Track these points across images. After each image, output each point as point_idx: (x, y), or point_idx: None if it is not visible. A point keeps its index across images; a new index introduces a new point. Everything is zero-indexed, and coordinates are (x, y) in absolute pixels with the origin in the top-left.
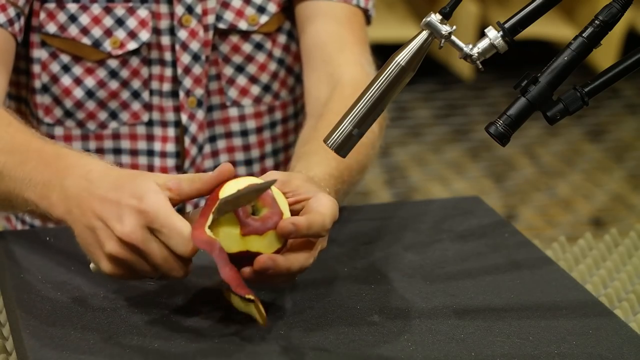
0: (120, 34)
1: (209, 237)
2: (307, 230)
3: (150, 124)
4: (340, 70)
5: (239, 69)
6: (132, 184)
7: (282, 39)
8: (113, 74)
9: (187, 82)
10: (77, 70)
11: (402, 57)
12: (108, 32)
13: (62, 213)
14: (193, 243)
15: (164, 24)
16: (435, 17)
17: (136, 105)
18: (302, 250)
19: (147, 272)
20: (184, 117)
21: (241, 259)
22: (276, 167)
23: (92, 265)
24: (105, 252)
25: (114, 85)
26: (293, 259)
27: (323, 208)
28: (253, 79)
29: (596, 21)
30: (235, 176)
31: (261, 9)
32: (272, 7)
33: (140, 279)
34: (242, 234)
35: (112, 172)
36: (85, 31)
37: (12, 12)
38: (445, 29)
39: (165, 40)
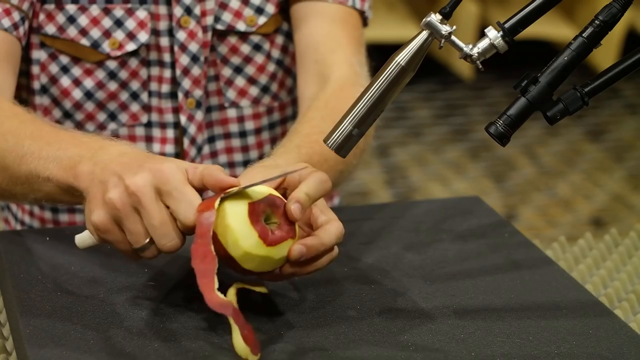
0: (119, 35)
1: (223, 300)
2: (312, 190)
3: (149, 125)
4: (330, 70)
5: (238, 70)
6: (158, 157)
7: (280, 40)
8: (112, 75)
9: (186, 83)
10: (76, 71)
11: (402, 57)
12: (107, 34)
13: (84, 179)
14: (208, 304)
15: (162, 25)
16: (435, 17)
17: (135, 107)
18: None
19: (137, 234)
20: (183, 118)
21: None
22: None
23: (77, 236)
24: (106, 198)
25: (112, 86)
26: (322, 233)
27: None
28: (251, 80)
29: (596, 21)
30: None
31: (259, 10)
32: (271, 8)
33: (122, 247)
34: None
35: (144, 151)
36: (84, 32)
37: (16, 16)
38: (445, 29)
39: (164, 41)
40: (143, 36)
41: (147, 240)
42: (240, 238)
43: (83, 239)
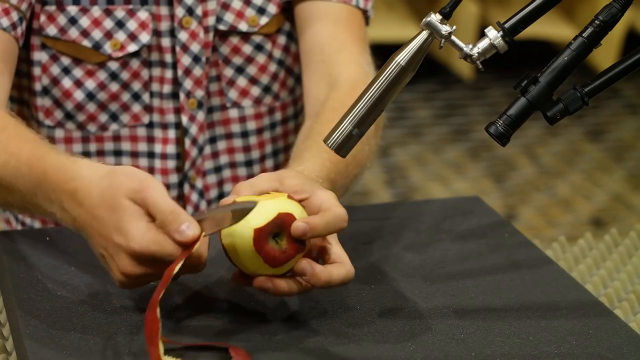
0: (121, 36)
1: None
2: (324, 229)
3: (150, 125)
4: (338, 70)
5: (239, 70)
6: (112, 219)
7: (282, 40)
8: (113, 76)
9: (188, 83)
10: (78, 72)
11: (402, 57)
12: (108, 35)
13: (73, 227)
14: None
15: (164, 25)
16: (435, 17)
17: (137, 107)
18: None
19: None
20: (185, 119)
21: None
22: (276, 168)
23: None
24: (118, 280)
25: (114, 87)
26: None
27: (327, 204)
28: (253, 80)
29: (596, 21)
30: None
31: (261, 10)
32: (272, 9)
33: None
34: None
35: (94, 188)
36: (85, 33)
37: (15, 16)
38: (445, 29)
39: (166, 42)
40: (144, 37)
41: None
42: (246, 262)
43: None
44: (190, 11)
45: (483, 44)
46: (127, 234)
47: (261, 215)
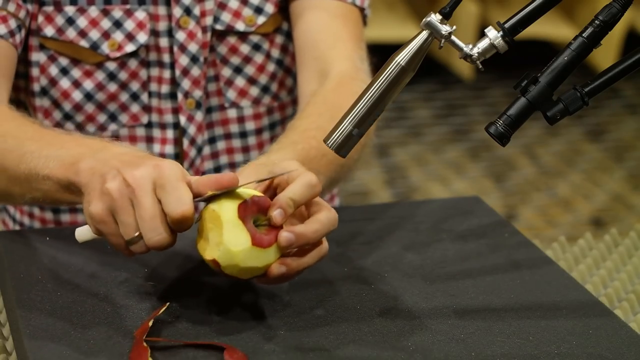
0: (118, 36)
1: None
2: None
3: (149, 125)
4: (330, 66)
5: (237, 70)
6: (160, 158)
7: (279, 39)
8: (111, 76)
9: (186, 83)
10: (76, 73)
11: (402, 57)
12: (106, 35)
13: (84, 175)
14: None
15: (162, 25)
16: (435, 17)
17: (135, 107)
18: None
19: (129, 226)
20: (183, 119)
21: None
22: None
23: (77, 230)
24: (104, 188)
25: (112, 87)
26: (312, 221)
27: (295, 172)
28: (251, 80)
29: (596, 21)
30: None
31: (258, 10)
32: (270, 8)
33: (116, 242)
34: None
35: (144, 152)
36: (83, 34)
37: (13, 23)
38: (445, 29)
39: (164, 42)
40: (142, 37)
41: (137, 233)
42: (239, 258)
43: (82, 232)
44: (188, 11)
45: (483, 44)
46: (164, 160)
47: (238, 195)
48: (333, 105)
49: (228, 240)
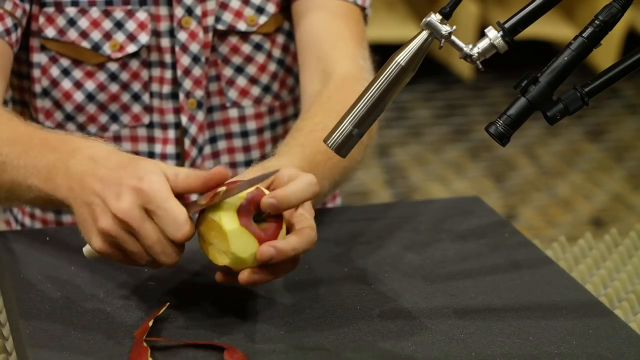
0: (120, 36)
1: None
2: (295, 198)
3: (150, 126)
4: (333, 66)
5: (239, 69)
6: (135, 165)
7: (281, 39)
8: (113, 77)
9: (187, 83)
10: (77, 73)
11: (402, 57)
12: (107, 35)
13: (65, 192)
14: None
15: (163, 26)
16: (435, 17)
17: (136, 108)
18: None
19: (138, 254)
20: (184, 119)
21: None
22: None
23: (85, 249)
24: (98, 227)
25: (114, 88)
26: (294, 241)
27: (295, 176)
28: (253, 80)
29: (596, 21)
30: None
31: (260, 10)
32: (271, 8)
33: (130, 263)
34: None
35: (116, 154)
36: (84, 35)
37: (9, 22)
38: (445, 29)
39: (165, 42)
40: (143, 37)
41: (148, 257)
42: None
43: (91, 251)
44: (189, 11)
45: (483, 44)
46: (143, 176)
47: (235, 199)
48: (337, 104)
49: (235, 248)
